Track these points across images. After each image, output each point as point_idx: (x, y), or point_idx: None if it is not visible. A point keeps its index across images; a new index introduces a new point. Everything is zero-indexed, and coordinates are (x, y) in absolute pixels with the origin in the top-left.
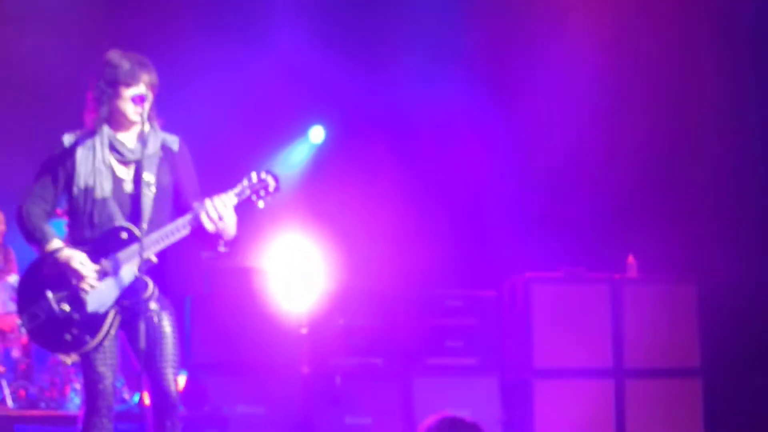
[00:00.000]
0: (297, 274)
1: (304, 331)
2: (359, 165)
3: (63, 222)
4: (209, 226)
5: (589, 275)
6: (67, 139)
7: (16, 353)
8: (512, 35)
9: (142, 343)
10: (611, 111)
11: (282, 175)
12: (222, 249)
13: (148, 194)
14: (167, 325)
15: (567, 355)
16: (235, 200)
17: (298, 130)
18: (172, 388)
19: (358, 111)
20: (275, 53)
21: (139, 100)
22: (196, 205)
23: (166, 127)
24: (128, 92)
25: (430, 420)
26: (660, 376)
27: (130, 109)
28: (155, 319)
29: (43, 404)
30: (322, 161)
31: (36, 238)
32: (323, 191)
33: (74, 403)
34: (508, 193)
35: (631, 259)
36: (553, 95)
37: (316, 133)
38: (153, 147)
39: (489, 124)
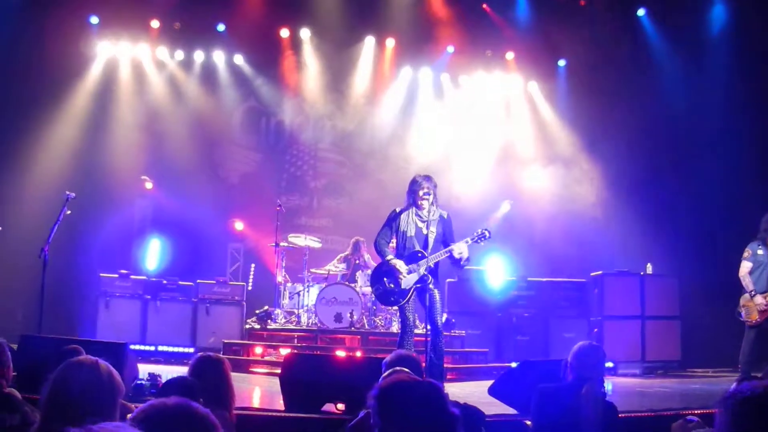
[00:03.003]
0: (497, 270)
1: (498, 296)
2: None
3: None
4: (456, 255)
5: (629, 273)
6: (397, 209)
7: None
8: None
9: (427, 303)
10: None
11: (491, 230)
12: (463, 263)
13: (432, 236)
14: (437, 294)
15: (619, 309)
16: (470, 241)
17: (496, 207)
18: (440, 323)
19: None
20: None
21: (424, 195)
22: (452, 244)
23: (443, 206)
24: (420, 193)
25: (579, 344)
26: (660, 319)
27: (419, 201)
28: (432, 292)
29: (379, 327)
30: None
31: (381, 254)
32: (507, 237)
33: (394, 327)
34: (590, 231)
35: (648, 265)
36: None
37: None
38: (434, 215)
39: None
